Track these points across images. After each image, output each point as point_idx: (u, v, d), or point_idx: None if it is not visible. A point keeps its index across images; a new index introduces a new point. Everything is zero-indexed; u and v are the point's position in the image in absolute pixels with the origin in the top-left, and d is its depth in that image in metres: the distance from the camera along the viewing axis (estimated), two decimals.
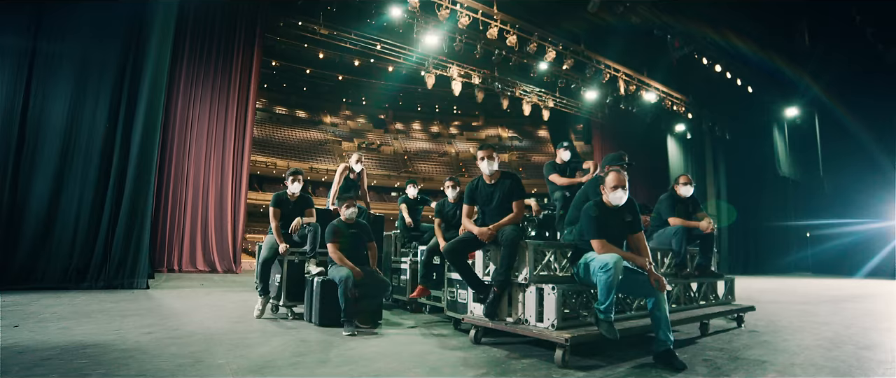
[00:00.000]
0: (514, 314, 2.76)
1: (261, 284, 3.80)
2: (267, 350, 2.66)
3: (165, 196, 8.56)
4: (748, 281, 10.10)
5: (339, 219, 3.71)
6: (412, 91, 26.44)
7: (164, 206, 8.50)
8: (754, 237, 14.07)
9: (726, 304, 3.89)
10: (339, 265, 3.47)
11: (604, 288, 2.41)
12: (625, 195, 2.60)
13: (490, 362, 2.48)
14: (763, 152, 13.40)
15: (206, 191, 9.04)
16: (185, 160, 8.93)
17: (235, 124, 9.64)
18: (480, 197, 3.03)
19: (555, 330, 2.48)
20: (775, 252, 14.21)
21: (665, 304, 2.46)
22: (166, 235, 8.39)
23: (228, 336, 3.02)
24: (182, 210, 8.69)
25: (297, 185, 4.08)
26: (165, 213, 8.49)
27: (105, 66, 5.95)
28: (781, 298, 6.22)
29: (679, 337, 3.27)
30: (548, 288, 2.54)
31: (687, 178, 3.84)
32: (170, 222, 8.50)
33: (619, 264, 2.38)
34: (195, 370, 2.23)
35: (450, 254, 2.79)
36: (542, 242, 2.74)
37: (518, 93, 12.51)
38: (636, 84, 11.66)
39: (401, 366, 2.38)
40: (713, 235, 3.78)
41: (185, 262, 8.43)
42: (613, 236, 2.62)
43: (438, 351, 2.72)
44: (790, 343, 3.08)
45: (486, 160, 2.97)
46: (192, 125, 9.14)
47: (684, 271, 3.56)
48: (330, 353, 2.61)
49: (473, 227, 2.87)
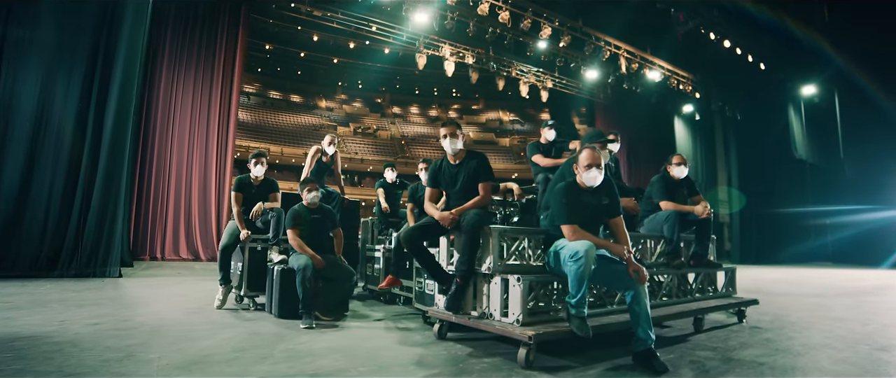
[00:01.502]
0: (478, 308, 2.55)
1: (221, 273, 3.65)
2: (209, 344, 2.51)
3: (147, 182, 8.44)
4: (760, 271, 9.81)
5: (300, 203, 3.51)
6: (409, 74, 26.04)
7: (147, 193, 8.39)
8: (768, 224, 13.61)
9: (725, 298, 3.64)
10: (299, 253, 3.29)
11: (574, 279, 2.19)
12: (600, 175, 2.35)
13: (448, 361, 2.29)
14: (777, 134, 12.85)
15: (190, 176, 8.90)
16: (167, 145, 8.78)
17: (220, 107, 9.46)
18: (444, 179, 2.81)
19: (519, 326, 2.27)
20: (791, 240, 13.62)
21: (645, 298, 2.23)
22: (149, 222, 8.29)
23: (177, 328, 2.88)
24: (165, 196, 8.58)
25: (260, 168, 3.88)
26: (148, 199, 8.38)
27: (77, 50, 5.94)
28: (794, 290, 5.91)
29: (670, 334, 3.05)
30: (513, 279, 2.33)
31: (680, 157, 3.57)
32: (152, 209, 8.39)
33: (590, 252, 2.15)
34: (119, 367, 2.09)
35: (407, 240, 2.57)
36: (509, 228, 2.51)
37: (514, 73, 12.11)
38: (639, 62, 11.20)
39: (347, 363, 2.20)
40: (710, 221, 3.52)
41: (169, 250, 8.35)
42: (588, 221, 2.38)
43: (396, 347, 2.53)
44: (795, 342, 2.82)
45: (448, 138, 2.73)
46: (176, 108, 8.97)
47: (676, 261, 3.32)
48: (275, 348, 2.44)
49: (435, 212, 2.65)
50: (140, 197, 8.27)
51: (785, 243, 13.56)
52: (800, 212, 13.81)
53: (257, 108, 25.41)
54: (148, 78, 8.61)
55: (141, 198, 8.28)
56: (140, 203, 8.25)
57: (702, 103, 13.07)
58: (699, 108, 13.42)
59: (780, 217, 13.65)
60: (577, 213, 2.34)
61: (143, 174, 8.39)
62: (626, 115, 13.76)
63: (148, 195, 8.38)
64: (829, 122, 12.65)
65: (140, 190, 8.30)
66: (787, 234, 13.68)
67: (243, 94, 25.63)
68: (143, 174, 8.39)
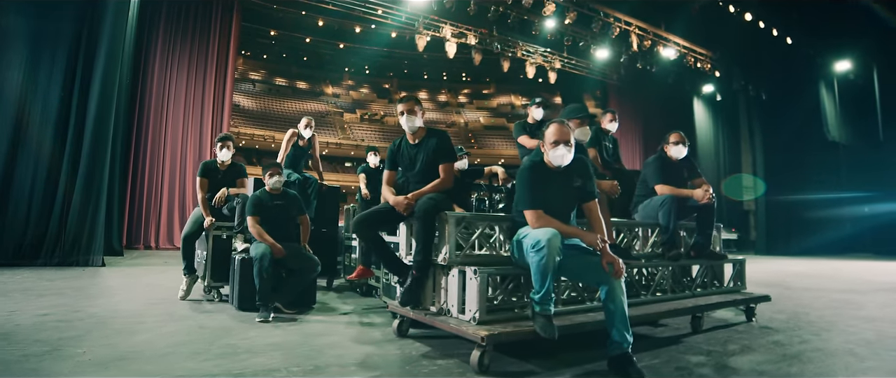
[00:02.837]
0: (437, 303, 2.33)
1: (184, 262, 3.53)
2: (146, 338, 2.39)
3: (141, 170, 8.46)
4: (787, 263, 9.29)
5: (263, 189, 3.34)
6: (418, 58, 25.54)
7: (141, 181, 8.41)
8: (798, 212, 12.82)
9: (731, 293, 3.32)
10: (259, 241, 3.12)
11: (536, 272, 1.95)
12: (569, 153, 2.07)
13: (397, 362, 2.09)
14: (807, 114, 11.98)
15: (184, 162, 8.90)
16: (162, 133, 8.77)
17: (214, 93, 9.41)
18: (403, 160, 2.57)
19: (475, 324, 2.05)
20: (824, 229, 12.73)
21: (622, 294, 1.97)
22: (143, 211, 8.33)
23: (124, 320, 2.78)
24: (159, 184, 8.59)
25: (226, 152, 3.72)
26: (142, 188, 8.40)
27: (59, 37, 5.97)
28: (821, 284, 5.44)
29: (664, 334, 2.77)
30: (470, 271, 2.09)
31: (679, 135, 3.22)
32: (147, 198, 8.42)
33: (553, 242, 1.89)
34: (36, 363, 1.99)
35: (358, 227, 2.36)
36: (468, 215, 2.27)
37: (520, 53, 11.64)
38: (651, 39, 10.58)
39: (283, 362, 2.03)
40: (713, 207, 3.19)
41: (163, 239, 8.39)
42: (557, 205, 2.12)
43: (347, 345, 2.35)
44: (808, 346, 2.49)
45: (405, 115, 2.49)
46: (169, 96, 8.95)
47: (672, 251, 3.01)
48: (214, 344, 2.29)
49: (390, 196, 2.42)
50: (134, 186, 8.30)
51: (817, 233, 12.72)
52: (834, 198, 12.91)
53: (263, 95, 25.49)
54: (141, 66, 8.60)
55: (135, 186, 8.31)
56: (134, 192, 8.29)
57: (723, 83, 12.34)
58: (720, 88, 12.69)
59: (812, 204, 12.83)
60: (543, 196, 2.08)
61: (137, 163, 8.41)
62: (641, 97, 13.16)
63: (142, 184, 8.40)
64: (867, 99, 11.77)
65: (134, 178, 8.33)
66: (819, 223, 12.82)
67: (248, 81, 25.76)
68: (137, 163, 8.41)
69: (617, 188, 2.51)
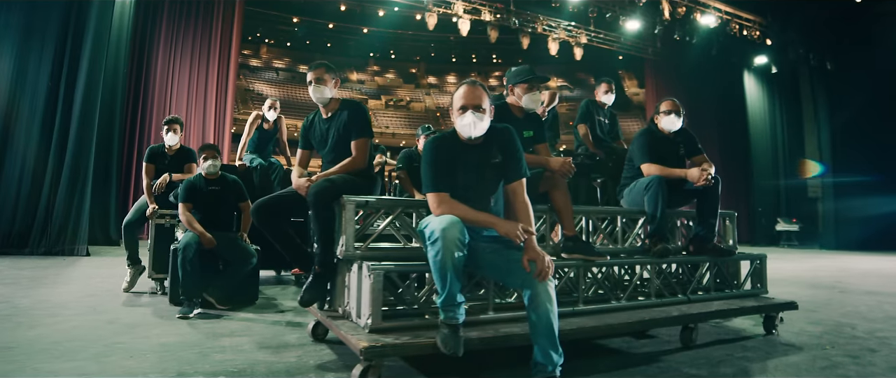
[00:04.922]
0: (341, 304, 2.04)
1: (127, 251, 3.45)
2: (40, 332, 2.31)
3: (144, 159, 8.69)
4: (854, 259, 8.23)
5: (198, 174, 3.17)
6: (445, 40, 25.08)
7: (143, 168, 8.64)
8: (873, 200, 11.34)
9: (745, 298, 2.78)
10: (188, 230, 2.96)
11: (434, 271, 1.60)
12: (479, 122, 1.69)
13: (280, 372, 1.82)
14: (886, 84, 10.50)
15: None
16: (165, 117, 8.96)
17: (217, 78, 9.51)
18: (314, 137, 2.27)
19: (367, 332, 1.73)
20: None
21: (549, 301, 1.57)
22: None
23: (40, 312, 2.73)
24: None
25: (173, 137, 3.61)
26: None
27: (47, 28, 6.16)
28: (890, 288, 4.59)
29: (644, 348, 2.30)
30: (366, 267, 1.78)
31: (672, 103, 2.69)
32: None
33: (450, 232, 1.53)
34: None
35: (257, 213, 2.09)
36: (371, 199, 1.94)
37: (541, 29, 10.94)
38: (686, 5, 9.54)
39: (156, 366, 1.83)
40: (717, 191, 2.67)
41: None
42: (469, 187, 1.75)
43: (246, 349, 2.12)
44: (835, 373, 1.94)
45: (313, 84, 2.18)
46: (173, 80, 9.11)
47: (657, 245, 2.53)
48: (103, 342, 2.16)
49: (294, 179, 2.14)
50: (137, 174, 8.56)
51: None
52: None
53: (287, 83, 25.98)
54: (144, 55, 8.79)
55: (137, 175, 8.56)
56: (137, 179, 8.54)
57: (777, 52, 11.01)
58: (775, 60, 11.35)
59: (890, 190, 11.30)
60: (450, 176, 1.71)
61: (142, 148, 8.65)
62: (682, 73, 12.06)
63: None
64: None
65: (137, 165, 8.58)
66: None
67: (272, 69, 26.34)
68: (142, 148, 8.65)
69: (569, 166, 2.08)
